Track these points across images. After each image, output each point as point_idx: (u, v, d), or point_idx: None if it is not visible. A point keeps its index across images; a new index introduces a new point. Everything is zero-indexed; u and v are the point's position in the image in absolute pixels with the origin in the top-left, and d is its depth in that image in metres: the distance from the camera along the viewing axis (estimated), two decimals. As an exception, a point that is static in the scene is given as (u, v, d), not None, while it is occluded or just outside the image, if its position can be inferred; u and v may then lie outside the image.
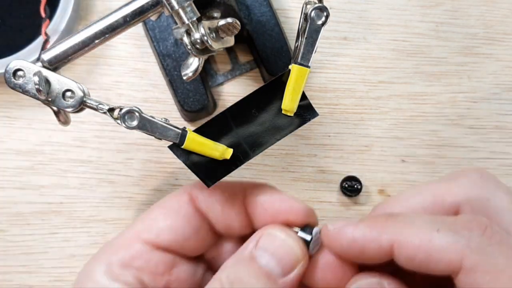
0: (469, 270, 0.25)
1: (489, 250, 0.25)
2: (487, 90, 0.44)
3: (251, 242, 0.29)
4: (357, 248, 0.27)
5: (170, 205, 0.31)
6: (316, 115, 0.30)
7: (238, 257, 0.29)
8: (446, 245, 0.25)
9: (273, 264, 0.28)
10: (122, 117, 0.28)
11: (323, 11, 0.29)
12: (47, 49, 0.29)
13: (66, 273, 0.41)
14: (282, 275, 0.28)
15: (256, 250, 0.29)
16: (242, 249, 0.29)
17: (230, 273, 0.28)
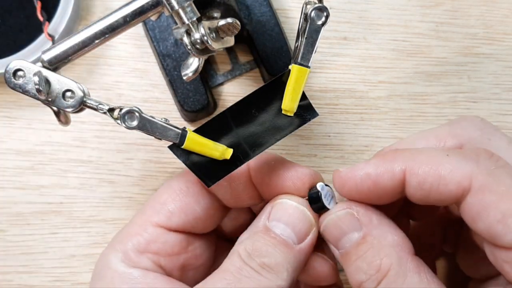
0: (477, 190, 0.25)
1: (496, 172, 0.25)
2: (487, 90, 0.44)
3: (264, 214, 0.30)
4: (370, 183, 0.28)
5: (177, 186, 0.31)
6: (316, 115, 0.30)
7: (253, 230, 0.29)
8: (456, 165, 0.26)
9: (288, 232, 0.29)
10: (122, 117, 0.28)
11: (323, 11, 0.29)
12: (47, 49, 0.29)
13: (66, 273, 0.41)
14: (298, 241, 0.29)
15: (269, 221, 0.29)
16: (256, 221, 0.30)
17: (247, 245, 0.28)
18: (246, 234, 0.30)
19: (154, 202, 0.31)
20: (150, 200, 0.32)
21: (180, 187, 0.31)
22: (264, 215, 0.30)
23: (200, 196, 0.31)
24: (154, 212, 0.31)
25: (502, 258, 0.25)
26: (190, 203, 0.31)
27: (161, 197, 0.31)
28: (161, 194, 0.31)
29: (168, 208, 0.31)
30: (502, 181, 0.25)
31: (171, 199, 0.31)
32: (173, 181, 0.32)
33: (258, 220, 0.30)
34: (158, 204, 0.31)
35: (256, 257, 0.28)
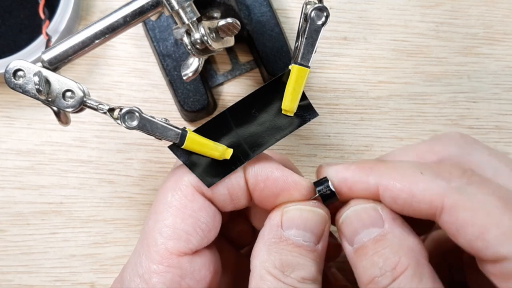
0: (450, 208, 0.26)
1: (468, 189, 0.26)
2: (487, 90, 0.44)
3: (274, 225, 0.29)
4: (346, 187, 0.29)
5: (180, 203, 0.29)
6: (316, 115, 0.30)
7: (268, 241, 0.28)
8: (428, 185, 0.26)
9: (308, 237, 0.28)
10: (122, 117, 0.28)
11: (323, 11, 0.29)
12: (47, 49, 0.29)
13: (66, 273, 0.41)
14: (317, 241, 0.29)
15: (285, 230, 0.28)
16: (267, 232, 0.29)
17: (275, 261, 0.27)
18: (262, 249, 0.28)
19: (161, 227, 0.28)
20: (151, 226, 0.29)
21: (182, 203, 0.29)
22: (275, 224, 0.29)
23: (205, 205, 0.29)
24: (168, 238, 0.28)
25: (489, 271, 0.26)
26: (200, 216, 0.29)
27: (167, 220, 0.28)
28: (163, 216, 0.28)
29: (183, 230, 0.28)
30: (475, 197, 0.26)
31: (180, 219, 0.28)
32: (168, 198, 0.29)
33: (270, 231, 0.29)
34: (168, 228, 0.28)
35: (291, 272, 0.27)
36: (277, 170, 0.29)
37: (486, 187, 0.26)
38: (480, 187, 0.26)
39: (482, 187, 0.26)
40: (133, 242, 0.41)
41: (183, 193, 0.29)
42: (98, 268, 0.41)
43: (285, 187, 0.29)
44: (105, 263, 0.41)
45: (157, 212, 0.29)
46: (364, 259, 0.27)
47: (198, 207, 0.29)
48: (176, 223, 0.28)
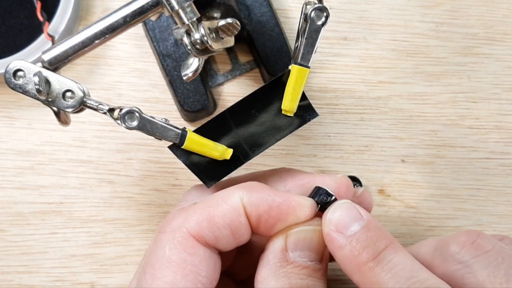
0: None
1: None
2: (487, 90, 0.44)
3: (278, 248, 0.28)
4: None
5: (179, 258, 0.27)
6: (316, 115, 0.30)
7: (275, 266, 0.28)
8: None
9: (313, 256, 0.28)
10: (122, 118, 0.28)
11: (323, 11, 0.29)
12: (47, 49, 0.29)
13: (66, 273, 0.41)
14: (321, 259, 0.29)
15: (290, 253, 0.28)
16: (272, 256, 0.28)
17: (285, 284, 0.27)
18: (268, 275, 0.28)
19: (162, 284, 0.27)
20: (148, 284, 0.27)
21: (181, 257, 0.27)
22: (280, 249, 0.28)
23: (206, 257, 0.28)
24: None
25: None
26: (201, 270, 0.27)
27: (166, 277, 0.27)
28: (162, 272, 0.27)
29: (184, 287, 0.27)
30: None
31: (180, 276, 0.27)
32: (166, 252, 0.28)
33: (274, 256, 0.28)
34: (169, 287, 0.27)
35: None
36: (277, 196, 0.28)
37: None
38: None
39: None
40: (133, 242, 0.41)
41: (183, 247, 0.27)
42: (98, 268, 0.41)
43: (290, 212, 0.28)
44: (105, 263, 0.41)
45: (155, 267, 0.27)
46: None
47: (198, 260, 0.27)
48: (176, 281, 0.27)
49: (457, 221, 0.43)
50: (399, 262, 0.26)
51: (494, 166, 0.43)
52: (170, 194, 0.42)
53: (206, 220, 0.28)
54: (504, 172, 0.43)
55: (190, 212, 0.28)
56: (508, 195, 0.43)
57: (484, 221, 0.43)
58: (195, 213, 0.28)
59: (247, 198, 0.28)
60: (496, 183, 0.43)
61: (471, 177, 0.43)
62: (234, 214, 0.28)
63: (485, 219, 0.43)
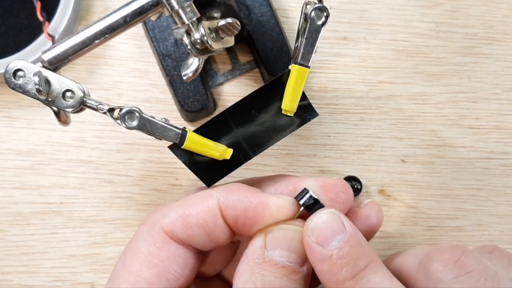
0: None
1: None
2: (487, 90, 0.44)
3: (257, 246, 0.28)
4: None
5: (146, 250, 0.28)
6: (316, 115, 0.30)
7: (251, 262, 0.28)
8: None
9: (294, 258, 0.28)
10: (122, 117, 0.28)
11: (323, 11, 0.29)
12: (47, 49, 0.29)
13: (66, 273, 0.41)
14: (302, 263, 0.28)
15: (268, 251, 0.28)
16: (250, 253, 0.28)
17: (256, 282, 0.27)
18: (245, 270, 0.27)
19: (126, 273, 0.28)
20: (118, 270, 0.28)
21: (150, 250, 0.28)
22: (259, 246, 0.28)
23: (176, 253, 0.28)
24: (129, 286, 0.27)
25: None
26: (168, 266, 0.28)
27: (132, 266, 0.28)
28: (130, 262, 0.28)
29: (146, 279, 0.27)
30: None
31: (145, 268, 0.28)
32: (139, 243, 0.28)
33: (253, 252, 0.28)
34: (132, 275, 0.28)
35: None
36: (253, 197, 0.28)
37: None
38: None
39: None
40: (133, 242, 0.41)
41: (153, 240, 0.28)
42: (98, 268, 0.41)
43: (267, 212, 0.28)
44: (105, 263, 0.41)
45: (127, 256, 0.28)
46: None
47: (166, 256, 0.28)
48: (141, 271, 0.28)
49: (457, 221, 0.43)
50: (377, 282, 0.26)
51: (494, 166, 0.43)
52: (170, 194, 0.42)
53: (180, 218, 0.28)
54: (504, 172, 0.43)
55: (168, 208, 0.29)
56: (508, 195, 0.43)
57: (484, 221, 0.43)
58: (172, 210, 0.29)
59: (223, 199, 0.28)
60: (496, 183, 0.43)
61: (471, 177, 0.43)
62: (209, 215, 0.28)
63: (485, 219, 0.43)
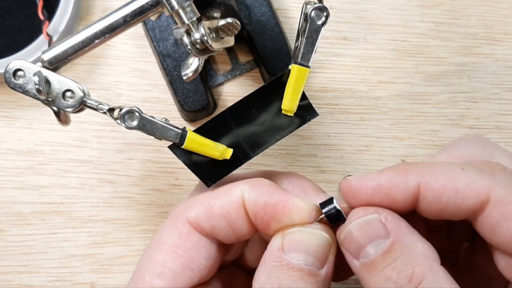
0: (497, 202, 0.25)
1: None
2: (487, 90, 0.44)
3: (275, 250, 0.28)
4: (382, 194, 0.27)
5: (171, 241, 0.28)
6: (316, 115, 0.30)
7: (269, 265, 0.27)
8: (473, 179, 0.26)
9: (311, 260, 0.27)
10: (122, 117, 0.28)
11: (323, 11, 0.29)
12: (47, 49, 0.29)
13: (66, 273, 0.41)
14: (321, 266, 0.27)
15: (286, 254, 0.27)
16: (269, 256, 0.28)
17: (272, 285, 0.26)
18: (263, 273, 0.27)
19: (151, 263, 0.28)
20: (143, 261, 0.29)
21: (175, 241, 0.28)
22: (276, 249, 0.27)
23: (200, 244, 0.28)
24: (155, 277, 0.28)
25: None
26: (192, 257, 0.28)
27: (157, 256, 0.28)
28: (155, 252, 0.28)
29: (171, 269, 0.28)
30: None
31: (170, 259, 0.28)
32: (163, 235, 0.29)
33: (271, 255, 0.27)
34: (157, 266, 0.28)
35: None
36: (275, 195, 0.28)
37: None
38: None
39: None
40: (133, 242, 0.41)
41: (178, 232, 0.28)
42: (98, 268, 0.41)
43: (285, 212, 0.28)
44: (105, 263, 0.41)
45: (152, 247, 0.29)
46: (374, 274, 0.26)
47: (191, 247, 0.28)
48: (166, 262, 0.28)
49: (457, 221, 0.43)
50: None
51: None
52: (170, 194, 0.42)
53: (205, 209, 0.28)
54: (504, 172, 0.43)
55: (193, 200, 0.29)
56: (508, 195, 0.43)
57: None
58: (197, 201, 0.29)
59: (248, 193, 0.28)
60: (496, 183, 0.43)
61: (471, 177, 0.43)
62: (232, 207, 0.28)
63: (485, 219, 0.43)
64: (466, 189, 0.26)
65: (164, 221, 0.30)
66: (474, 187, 0.26)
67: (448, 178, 0.26)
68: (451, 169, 0.26)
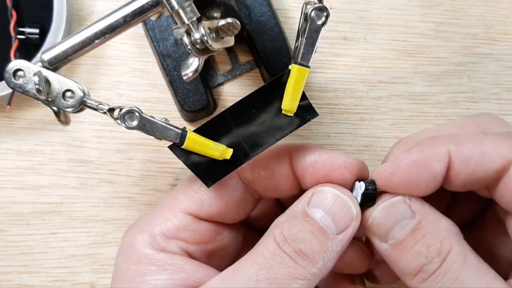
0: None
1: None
2: (487, 90, 0.44)
3: (303, 200, 0.29)
4: (419, 169, 0.28)
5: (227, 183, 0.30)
6: (316, 115, 0.30)
7: (291, 214, 0.29)
8: (497, 142, 0.27)
9: (328, 221, 0.28)
10: (122, 117, 0.28)
11: (323, 11, 0.29)
12: (47, 49, 0.29)
13: (66, 273, 0.41)
14: (337, 231, 0.28)
15: (309, 207, 0.28)
16: (295, 205, 0.29)
17: (284, 228, 0.27)
18: (283, 217, 0.29)
19: (187, 188, 0.31)
20: (184, 183, 0.31)
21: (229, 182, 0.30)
22: (304, 200, 0.29)
23: (235, 187, 0.31)
24: (185, 198, 0.30)
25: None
26: (223, 194, 0.30)
27: (195, 184, 0.30)
28: (196, 180, 0.30)
29: (200, 197, 0.30)
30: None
31: (204, 188, 0.30)
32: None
33: (297, 205, 0.29)
34: (191, 191, 0.30)
35: (292, 242, 0.27)
36: (325, 153, 0.30)
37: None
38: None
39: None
40: (133, 242, 0.41)
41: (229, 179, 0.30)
42: (98, 268, 0.41)
43: (335, 168, 0.29)
44: (105, 263, 0.41)
45: (190, 177, 0.31)
46: (405, 252, 0.27)
47: (226, 185, 0.30)
48: (200, 189, 0.30)
49: (457, 221, 0.43)
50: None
51: (494, 166, 0.43)
52: (170, 194, 0.42)
53: (252, 161, 0.30)
54: (504, 172, 0.43)
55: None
56: (508, 195, 0.43)
57: (484, 221, 0.43)
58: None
59: (295, 152, 0.30)
60: (496, 183, 0.43)
61: (471, 177, 0.43)
62: (278, 163, 0.30)
63: (485, 219, 0.43)
64: (492, 152, 0.27)
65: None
66: (499, 149, 0.27)
67: (474, 142, 0.27)
68: (476, 135, 0.28)
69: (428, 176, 0.28)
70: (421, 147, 0.28)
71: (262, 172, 0.30)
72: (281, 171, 0.30)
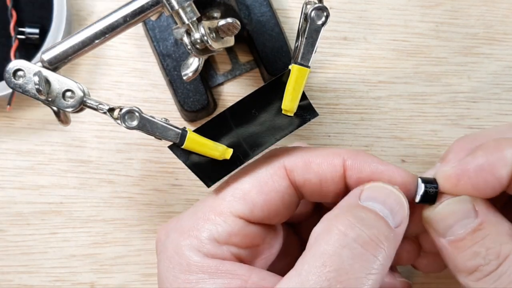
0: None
1: None
2: (487, 90, 0.44)
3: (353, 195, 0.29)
4: (485, 174, 0.28)
5: (264, 179, 0.30)
6: (316, 115, 0.30)
7: (345, 206, 0.28)
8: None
9: (386, 213, 0.28)
10: (122, 117, 0.28)
11: (323, 11, 0.29)
12: (47, 49, 0.29)
13: (66, 273, 0.41)
14: (395, 225, 0.28)
15: (362, 201, 0.28)
16: (344, 202, 0.29)
17: (346, 219, 0.27)
18: (335, 212, 0.28)
19: (236, 189, 0.30)
20: (229, 184, 0.30)
21: (267, 180, 0.29)
22: (354, 195, 0.29)
23: (285, 193, 0.30)
24: (235, 200, 0.29)
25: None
26: (274, 198, 0.29)
27: (244, 185, 0.29)
28: (244, 181, 0.30)
29: (252, 200, 0.29)
30: None
31: (255, 191, 0.29)
32: (260, 171, 0.30)
33: (347, 199, 0.29)
34: (241, 193, 0.29)
35: (362, 226, 0.26)
36: (381, 165, 0.30)
37: None
38: None
39: None
40: (133, 242, 0.41)
41: (273, 172, 0.30)
42: (98, 268, 0.41)
43: (391, 182, 0.29)
44: (105, 263, 0.41)
45: (242, 173, 0.30)
46: (462, 250, 0.28)
47: (277, 190, 0.29)
48: (250, 192, 0.29)
49: (457, 221, 0.43)
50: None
51: (494, 166, 0.43)
52: (170, 194, 0.42)
53: (303, 161, 0.30)
54: (504, 172, 0.43)
55: (292, 150, 0.31)
56: (508, 195, 0.43)
57: (484, 221, 0.43)
58: (295, 153, 0.30)
59: (351, 161, 0.30)
60: (496, 183, 0.43)
61: (471, 177, 0.43)
62: (330, 169, 0.30)
63: (485, 219, 0.43)
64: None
65: (259, 159, 0.31)
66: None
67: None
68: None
69: (494, 182, 0.28)
70: (487, 151, 0.28)
71: (314, 179, 0.30)
72: (334, 180, 0.30)
